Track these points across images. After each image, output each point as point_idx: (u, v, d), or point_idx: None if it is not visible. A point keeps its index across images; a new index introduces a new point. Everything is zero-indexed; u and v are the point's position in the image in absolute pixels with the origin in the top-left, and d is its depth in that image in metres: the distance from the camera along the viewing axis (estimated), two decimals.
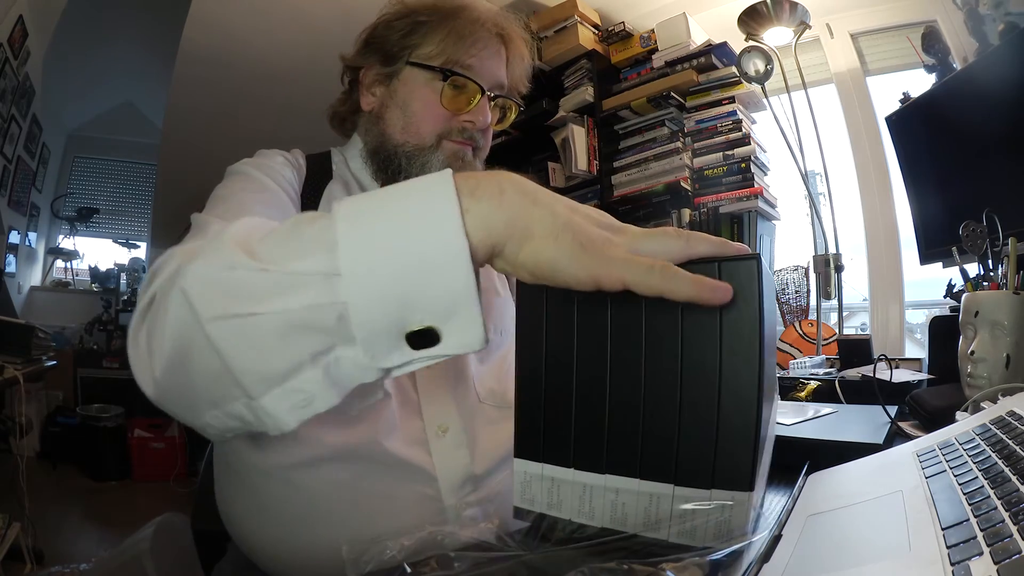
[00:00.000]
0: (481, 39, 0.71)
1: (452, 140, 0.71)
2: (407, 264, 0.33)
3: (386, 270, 0.33)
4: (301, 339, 0.34)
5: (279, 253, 0.35)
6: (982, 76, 1.10)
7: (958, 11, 1.75)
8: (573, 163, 2.24)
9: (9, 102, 2.88)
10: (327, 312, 0.33)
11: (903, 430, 0.73)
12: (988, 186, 1.06)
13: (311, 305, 0.33)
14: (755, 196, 1.92)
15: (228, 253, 0.35)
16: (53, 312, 3.76)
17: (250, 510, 0.62)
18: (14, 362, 1.81)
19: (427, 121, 0.71)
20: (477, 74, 0.71)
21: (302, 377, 0.35)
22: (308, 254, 0.34)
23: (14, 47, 2.68)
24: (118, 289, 4.06)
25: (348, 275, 0.33)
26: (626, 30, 2.28)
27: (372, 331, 0.34)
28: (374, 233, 0.34)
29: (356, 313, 0.33)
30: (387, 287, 0.33)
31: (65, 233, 4.17)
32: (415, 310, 0.34)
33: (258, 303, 0.34)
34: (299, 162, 0.74)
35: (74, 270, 4.20)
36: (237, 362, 0.35)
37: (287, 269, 0.34)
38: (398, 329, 0.34)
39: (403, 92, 0.72)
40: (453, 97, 0.70)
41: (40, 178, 3.74)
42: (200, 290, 0.35)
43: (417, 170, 0.70)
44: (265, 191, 0.63)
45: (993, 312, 0.71)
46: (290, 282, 0.33)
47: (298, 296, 0.33)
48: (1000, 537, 0.28)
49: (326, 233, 0.34)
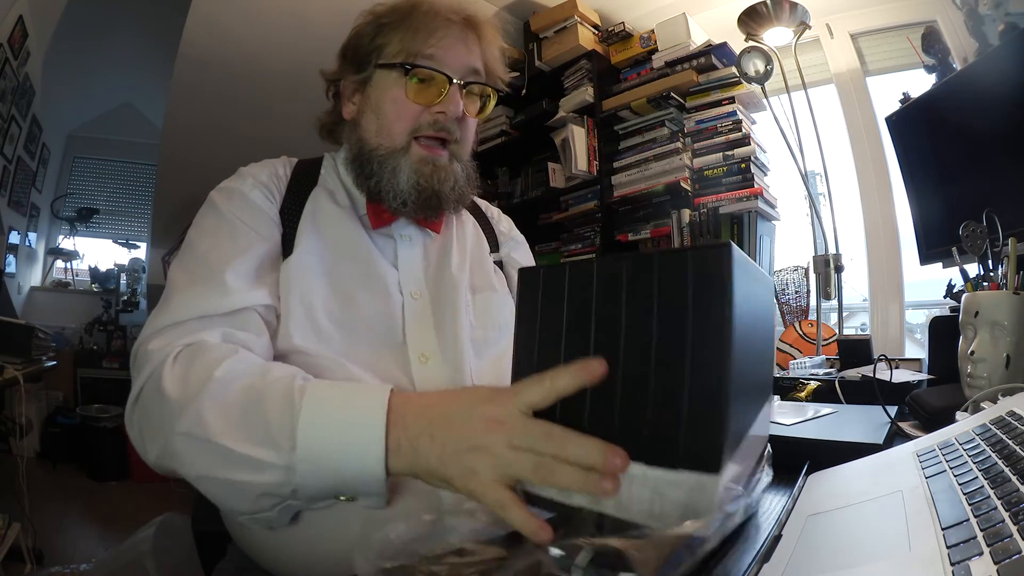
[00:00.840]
0: (440, 28, 0.70)
1: (424, 138, 0.71)
2: (342, 471, 0.47)
3: (329, 471, 0.48)
4: (263, 499, 0.50)
5: (250, 438, 0.48)
6: (982, 76, 1.10)
7: (958, 11, 1.75)
8: (573, 163, 2.24)
9: (9, 102, 2.88)
10: (285, 488, 0.48)
11: (903, 430, 0.73)
12: (988, 186, 1.06)
13: (274, 483, 0.48)
14: (755, 196, 1.92)
15: (209, 428, 0.49)
16: (53, 312, 3.75)
17: None
18: (14, 362, 1.81)
19: (399, 119, 0.70)
20: (441, 63, 0.70)
21: (263, 515, 0.51)
22: (274, 447, 0.47)
23: (14, 47, 2.68)
24: (118, 289, 4.06)
25: (302, 472, 0.47)
26: (626, 30, 2.28)
27: (312, 499, 0.51)
28: (324, 444, 0.47)
29: (304, 490, 0.49)
30: (327, 480, 0.48)
31: (65, 233, 4.16)
32: (343, 491, 0.50)
33: (234, 474, 0.48)
34: (281, 172, 0.74)
35: (74, 270, 4.20)
36: (218, 501, 0.52)
37: (257, 456, 0.48)
38: (329, 496, 0.51)
39: (375, 96, 0.73)
40: (420, 90, 0.70)
41: (40, 178, 3.74)
42: (190, 449, 0.50)
43: (388, 174, 0.70)
44: (234, 238, 0.65)
45: (993, 312, 0.71)
46: (259, 466, 0.48)
47: (265, 476, 0.48)
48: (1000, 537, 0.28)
49: (288, 430, 0.47)
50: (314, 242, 0.69)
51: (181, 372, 0.53)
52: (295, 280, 0.65)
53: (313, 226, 0.70)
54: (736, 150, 1.99)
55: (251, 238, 0.66)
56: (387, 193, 0.71)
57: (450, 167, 0.73)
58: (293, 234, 0.69)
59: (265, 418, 0.48)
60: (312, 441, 0.47)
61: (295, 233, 0.69)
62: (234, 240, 0.65)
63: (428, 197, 0.71)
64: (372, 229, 0.74)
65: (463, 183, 0.74)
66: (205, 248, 0.64)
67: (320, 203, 0.73)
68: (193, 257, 0.64)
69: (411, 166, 0.70)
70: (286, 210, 0.71)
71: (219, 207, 0.68)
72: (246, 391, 0.51)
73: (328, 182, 0.76)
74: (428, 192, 0.71)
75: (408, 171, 0.70)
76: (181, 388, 0.51)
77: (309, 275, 0.66)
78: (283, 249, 0.68)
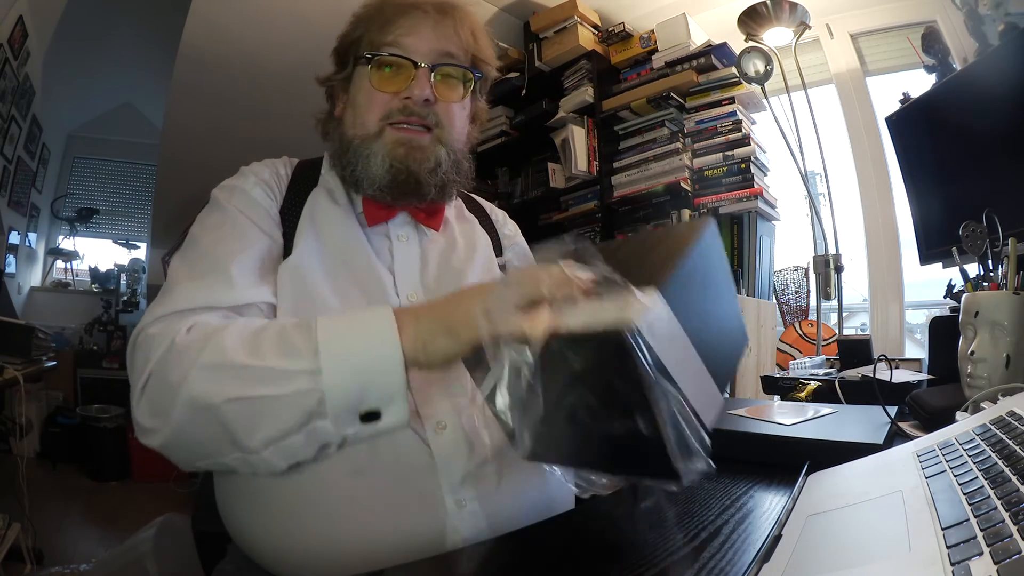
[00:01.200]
0: (404, 15, 0.70)
1: (395, 123, 0.70)
2: (364, 367, 0.50)
3: (351, 370, 0.50)
4: (292, 416, 0.50)
5: (274, 353, 0.51)
6: (982, 76, 1.10)
7: (958, 11, 1.75)
8: (573, 164, 2.24)
9: (9, 102, 2.88)
10: (312, 396, 0.50)
11: (903, 430, 0.73)
12: (988, 186, 1.06)
13: (302, 390, 0.49)
14: (755, 197, 1.92)
15: (234, 353, 0.51)
16: (53, 312, 3.75)
17: (250, 508, 0.62)
18: (14, 362, 1.81)
19: (369, 109, 0.70)
20: (406, 49, 0.69)
21: (291, 439, 0.51)
22: (298, 356, 0.50)
23: (14, 47, 2.68)
24: (118, 290, 4.06)
25: (327, 372, 0.49)
26: (626, 31, 2.28)
27: (339, 410, 0.50)
28: (344, 345, 0.50)
29: (331, 398, 0.50)
30: (351, 382, 0.50)
31: (65, 234, 4.16)
32: (368, 397, 0.51)
33: (260, 390, 0.49)
34: (282, 172, 0.75)
35: (74, 271, 4.20)
36: (244, 432, 0.51)
37: (282, 366, 0.50)
38: (355, 409, 0.51)
39: (353, 90, 0.74)
40: (386, 78, 0.70)
41: (40, 178, 3.74)
42: (214, 379, 0.50)
43: (363, 162, 0.70)
44: (238, 234, 0.65)
45: (993, 312, 0.71)
46: (286, 376, 0.50)
47: (292, 384, 0.49)
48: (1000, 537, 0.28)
49: (309, 342, 0.50)
50: (312, 243, 0.68)
51: (199, 333, 0.54)
52: (293, 281, 0.65)
53: (312, 226, 0.70)
54: (736, 150, 1.99)
55: (255, 234, 0.66)
56: (363, 179, 0.70)
57: (430, 148, 0.71)
58: (292, 234, 0.69)
59: (286, 339, 0.52)
60: (332, 344, 0.50)
61: (294, 233, 0.69)
62: (238, 236, 0.65)
63: (404, 179, 0.70)
64: (368, 227, 0.73)
65: (447, 167, 0.72)
66: (209, 243, 0.64)
67: (319, 203, 0.72)
68: (196, 251, 0.64)
69: (384, 149, 0.69)
70: (286, 210, 0.71)
71: (222, 204, 0.68)
72: (263, 328, 0.54)
73: (328, 182, 0.76)
74: (403, 173, 0.69)
75: (381, 154, 0.69)
76: (202, 337, 0.53)
77: (307, 276, 0.66)
78: (285, 245, 0.68)
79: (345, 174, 0.72)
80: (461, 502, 0.60)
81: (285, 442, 0.51)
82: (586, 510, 0.62)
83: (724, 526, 0.49)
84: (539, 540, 0.52)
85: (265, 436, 0.51)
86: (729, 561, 0.42)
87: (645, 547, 0.46)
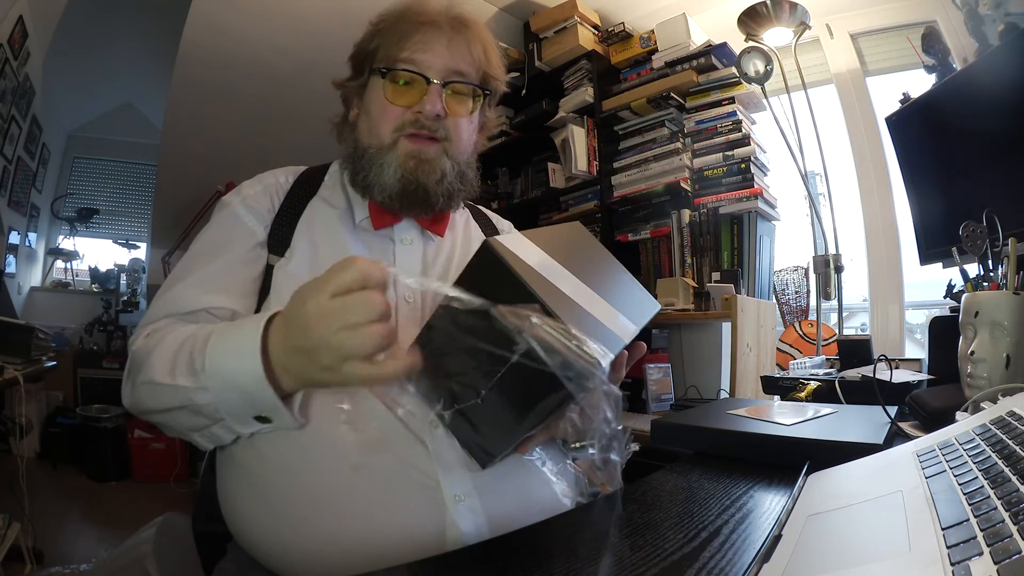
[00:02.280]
0: (420, 31, 0.73)
1: (408, 135, 0.73)
2: (239, 385, 0.56)
3: (231, 387, 0.56)
4: (199, 420, 0.59)
5: (182, 371, 0.58)
6: (982, 76, 1.10)
7: (958, 11, 1.75)
8: (573, 164, 2.24)
9: (9, 102, 2.88)
10: (209, 408, 0.58)
11: (903, 430, 0.73)
12: (988, 186, 1.06)
13: (198, 404, 0.58)
14: (755, 197, 1.92)
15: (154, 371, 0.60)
16: (53, 313, 3.76)
17: (252, 504, 0.62)
18: (14, 362, 1.81)
19: (383, 120, 0.73)
20: (419, 65, 0.72)
21: (207, 431, 0.61)
22: (195, 375, 0.57)
23: (14, 47, 2.68)
24: (118, 290, 4.06)
25: (213, 390, 0.57)
26: (626, 31, 2.28)
27: (234, 416, 0.58)
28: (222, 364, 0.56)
29: (222, 409, 0.58)
30: (234, 396, 0.57)
31: (65, 234, 4.17)
32: (255, 407, 0.57)
33: (173, 402, 0.59)
34: (282, 180, 0.79)
35: (74, 271, 4.20)
36: (172, 430, 0.63)
37: (185, 385, 0.57)
38: (249, 415, 0.58)
39: (368, 99, 0.77)
40: (400, 92, 0.73)
41: (40, 178, 3.74)
42: (142, 393, 0.62)
43: (376, 170, 0.73)
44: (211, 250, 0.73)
45: (993, 312, 0.71)
46: (187, 392, 0.58)
47: (193, 399, 0.58)
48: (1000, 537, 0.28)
49: (201, 363, 0.57)
50: (307, 247, 0.72)
51: (144, 343, 0.64)
52: (286, 284, 0.68)
53: (308, 231, 0.73)
54: (736, 150, 1.99)
55: (225, 250, 0.72)
56: (375, 187, 0.73)
57: (437, 161, 0.74)
58: (289, 238, 0.72)
59: (193, 357, 0.58)
60: (214, 364, 0.56)
61: (291, 237, 0.72)
62: (209, 252, 0.72)
63: (414, 190, 0.73)
64: (374, 230, 0.76)
65: (453, 178, 0.76)
66: (187, 259, 0.73)
67: (317, 209, 0.76)
68: (180, 264, 0.74)
69: (397, 160, 0.73)
70: (282, 216, 0.74)
71: (213, 219, 0.76)
72: (184, 343, 0.60)
73: (328, 188, 0.79)
74: (413, 184, 0.73)
75: (394, 165, 0.73)
76: (144, 352, 0.63)
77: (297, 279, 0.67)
78: (277, 251, 0.72)
79: (357, 179, 0.75)
80: (459, 497, 0.60)
81: (205, 432, 0.61)
82: (586, 510, 0.62)
83: (724, 526, 0.49)
84: (539, 540, 0.52)
85: (185, 431, 0.62)
86: (729, 561, 0.42)
87: (645, 547, 0.46)
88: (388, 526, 0.58)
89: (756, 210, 1.92)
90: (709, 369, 2.07)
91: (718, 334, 2.07)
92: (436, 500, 0.60)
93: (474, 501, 0.61)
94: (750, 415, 0.85)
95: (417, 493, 0.60)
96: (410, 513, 0.59)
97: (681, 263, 2.05)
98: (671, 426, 0.84)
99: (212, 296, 0.69)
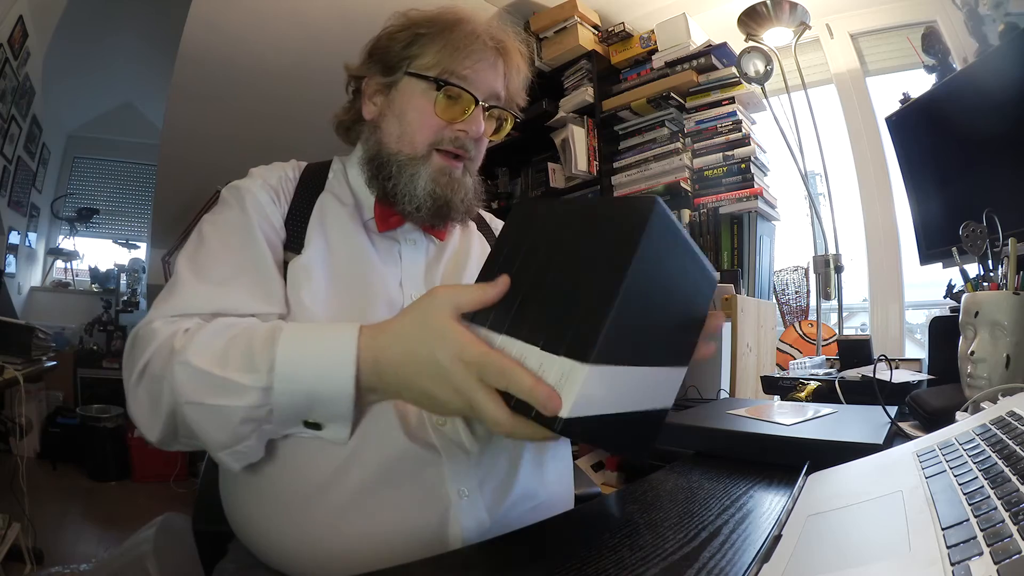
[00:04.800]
0: (477, 51, 0.72)
1: (443, 151, 0.73)
2: (315, 393, 0.53)
3: (302, 393, 0.53)
4: (243, 425, 0.54)
5: (236, 365, 0.53)
6: (982, 77, 1.10)
7: (958, 11, 1.75)
8: (573, 164, 2.24)
9: (9, 102, 2.88)
10: (262, 409, 0.53)
11: (903, 430, 0.73)
12: (988, 186, 1.06)
13: (253, 406, 0.53)
14: (755, 197, 1.92)
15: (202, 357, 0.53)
16: (53, 312, 3.76)
17: (255, 502, 0.62)
18: (14, 362, 1.81)
19: (421, 130, 0.72)
20: (472, 85, 0.72)
21: (243, 444, 0.55)
22: (255, 371, 0.53)
23: (14, 47, 2.68)
24: (118, 290, 4.06)
25: (278, 392, 0.53)
26: (626, 31, 2.28)
27: (285, 420, 0.55)
28: (300, 367, 0.52)
29: (278, 412, 0.54)
30: (300, 401, 0.54)
31: (65, 234, 4.17)
32: (314, 413, 0.55)
33: (219, 399, 0.53)
34: (290, 175, 0.76)
35: (74, 270, 4.20)
36: (203, 433, 0.54)
37: (240, 380, 0.52)
38: (300, 419, 0.56)
39: (400, 102, 0.74)
40: (447, 107, 0.72)
41: (40, 178, 3.74)
42: (183, 381, 0.53)
43: (406, 179, 0.72)
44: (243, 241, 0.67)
45: (993, 312, 0.71)
46: (241, 390, 0.52)
47: (245, 398, 0.53)
48: (1000, 537, 0.28)
49: (267, 358, 0.53)
50: (322, 244, 0.70)
51: (191, 333, 0.57)
52: (303, 280, 0.66)
53: (321, 228, 0.71)
54: (736, 150, 1.99)
55: (258, 242, 0.67)
56: (403, 196, 0.72)
57: (463, 180, 0.75)
58: (303, 234, 0.70)
59: (251, 351, 0.53)
60: (288, 365, 0.52)
61: (304, 233, 0.70)
62: (243, 243, 0.66)
63: (441, 206, 0.73)
64: (378, 232, 0.75)
65: (472, 196, 0.77)
66: (217, 246, 0.66)
67: (327, 207, 0.74)
68: (204, 252, 0.66)
69: (430, 174, 0.72)
70: (295, 211, 0.72)
71: (232, 205, 0.70)
72: (236, 333, 0.56)
73: (335, 186, 0.77)
74: (442, 201, 0.73)
75: (426, 179, 0.72)
76: (188, 336, 0.56)
77: (315, 276, 0.67)
78: (293, 248, 0.69)
79: (384, 184, 0.73)
80: (463, 492, 0.60)
81: (237, 447, 0.55)
82: (586, 510, 0.62)
83: (724, 526, 0.49)
84: (539, 540, 0.52)
85: (218, 442, 0.54)
86: (729, 561, 0.42)
87: (645, 547, 0.46)
88: (391, 523, 0.58)
89: (756, 210, 1.92)
90: (709, 369, 2.07)
91: (718, 334, 2.07)
92: (440, 495, 0.60)
93: (476, 497, 0.61)
94: (750, 415, 0.85)
95: (421, 489, 0.60)
96: (413, 508, 0.59)
97: None
98: (671, 426, 0.84)
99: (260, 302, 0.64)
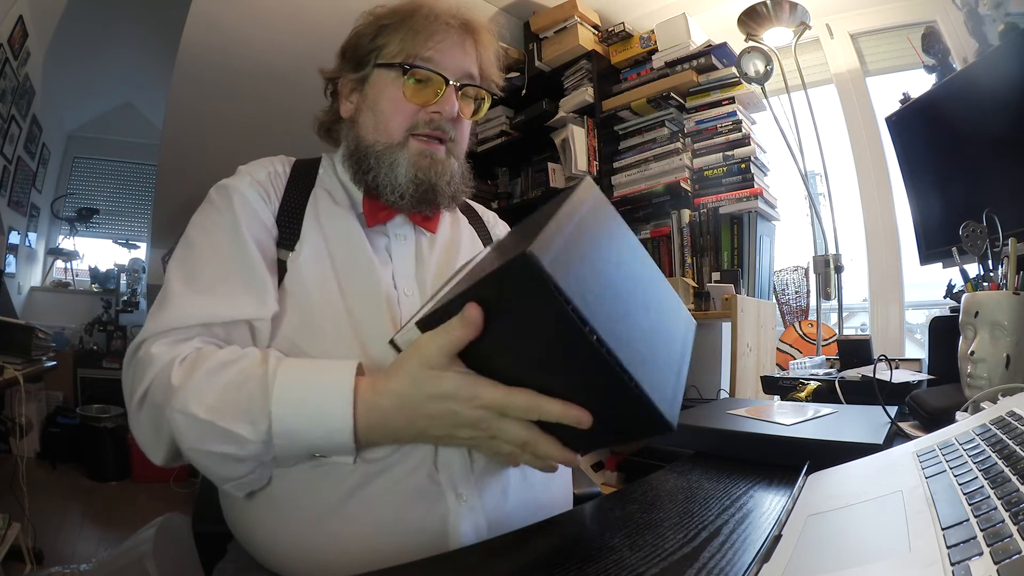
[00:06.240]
0: (439, 31, 0.72)
1: (420, 135, 0.72)
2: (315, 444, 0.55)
3: (302, 447, 0.55)
4: (245, 466, 0.56)
5: (232, 414, 0.54)
6: (982, 77, 1.10)
7: (958, 11, 1.75)
8: (573, 164, 2.24)
9: (9, 102, 2.88)
10: (266, 455, 0.55)
11: (903, 430, 0.73)
12: (988, 186, 1.06)
13: (255, 454, 0.55)
14: (755, 197, 1.92)
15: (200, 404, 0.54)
16: (53, 312, 3.76)
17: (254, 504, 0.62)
18: (14, 362, 1.81)
19: (395, 117, 0.72)
20: (438, 65, 0.72)
21: (246, 479, 0.57)
22: (253, 424, 0.54)
23: (14, 47, 2.68)
24: (118, 290, 4.06)
25: (278, 446, 0.55)
26: (626, 31, 2.28)
27: (288, 460, 0.57)
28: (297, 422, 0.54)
29: (281, 459, 0.57)
30: (301, 451, 0.56)
31: (65, 233, 4.16)
32: (316, 451, 0.57)
33: (220, 447, 0.54)
34: (280, 170, 0.75)
35: (74, 270, 4.20)
36: (206, 471, 0.57)
37: (239, 432, 0.53)
38: (303, 456, 0.57)
39: (373, 94, 0.74)
40: (418, 90, 0.72)
41: (40, 178, 3.74)
42: (184, 430, 0.55)
43: (386, 169, 0.72)
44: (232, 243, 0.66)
45: (993, 312, 0.71)
46: (242, 440, 0.54)
47: (247, 448, 0.54)
48: (1000, 537, 0.28)
49: (264, 409, 0.54)
50: (318, 239, 0.70)
51: (187, 368, 0.57)
52: (299, 277, 0.66)
53: (316, 224, 0.71)
54: (736, 150, 1.99)
55: (248, 244, 0.66)
56: (385, 187, 0.72)
57: (447, 162, 0.74)
58: (298, 230, 0.70)
59: (246, 400, 0.54)
60: (285, 422, 0.54)
61: (300, 229, 0.70)
62: (232, 246, 0.66)
63: (425, 190, 0.73)
64: (368, 227, 0.74)
65: (458, 180, 0.77)
66: (205, 251, 0.66)
67: (320, 201, 0.74)
68: (193, 258, 0.66)
69: (409, 160, 0.72)
70: (287, 207, 0.71)
71: (219, 207, 0.69)
72: (230, 380, 0.56)
73: (326, 182, 0.77)
74: (425, 185, 0.72)
75: (406, 165, 0.72)
76: (184, 378, 0.56)
77: (312, 272, 0.67)
78: (287, 244, 0.69)
79: (365, 177, 0.73)
80: (461, 496, 0.60)
81: (240, 481, 0.57)
82: (586, 510, 0.62)
83: (724, 526, 0.49)
84: (539, 540, 0.52)
85: (221, 478, 0.57)
86: (729, 561, 0.42)
87: (645, 547, 0.46)
88: (390, 525, 0.58)
89: (756, 210, 1.92)
90: (709, 369, 2.08)
91: (718, 334, 2.07)
92: (438, 499, 0.60)
93: (475, 501, 0.61)
94: (750, 415, 0.85)
95: (419, 492, 0.60)
96: (412, 512, 0.59)
97: (681, 263, 2.05)
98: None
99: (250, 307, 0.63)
